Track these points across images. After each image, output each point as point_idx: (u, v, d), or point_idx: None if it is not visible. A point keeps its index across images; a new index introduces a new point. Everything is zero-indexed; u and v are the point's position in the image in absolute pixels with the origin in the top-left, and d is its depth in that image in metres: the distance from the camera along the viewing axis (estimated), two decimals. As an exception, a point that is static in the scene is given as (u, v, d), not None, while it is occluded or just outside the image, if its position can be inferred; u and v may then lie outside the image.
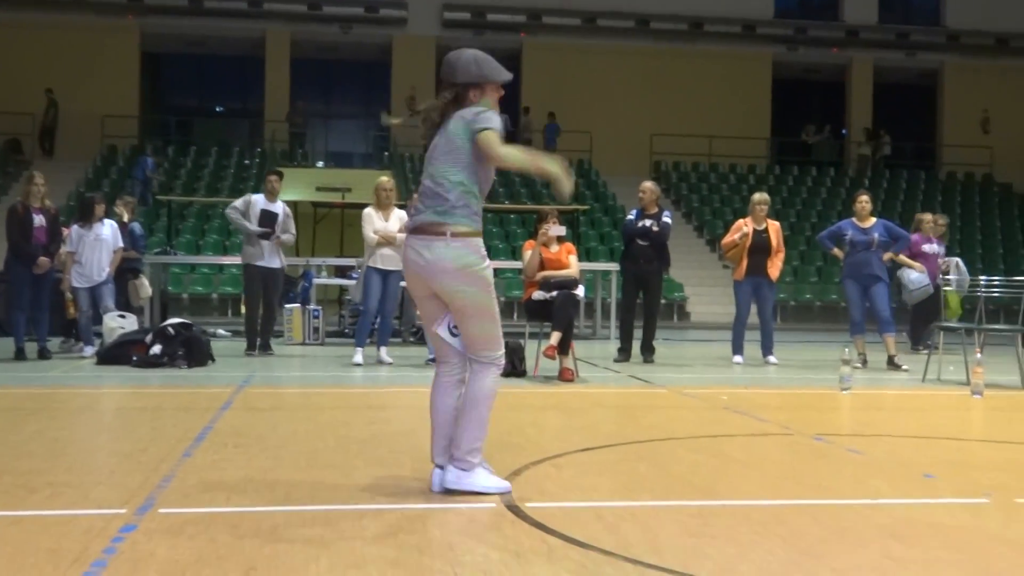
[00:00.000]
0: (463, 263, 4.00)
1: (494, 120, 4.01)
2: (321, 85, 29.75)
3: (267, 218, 10.89)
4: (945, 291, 11.41)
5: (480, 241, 4.08)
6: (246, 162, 25.92)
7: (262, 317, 11.09)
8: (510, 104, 28.16)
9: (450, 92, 4.12)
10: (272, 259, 11.00)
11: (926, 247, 12.94)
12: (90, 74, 26.29)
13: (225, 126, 29.84)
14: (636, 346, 10.99)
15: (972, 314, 9.92)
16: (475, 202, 4.06)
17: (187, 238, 20.45)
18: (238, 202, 11.16)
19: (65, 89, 25.77)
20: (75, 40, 26.29)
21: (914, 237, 12.84)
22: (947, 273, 12.37)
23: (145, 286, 12.29)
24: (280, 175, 11.37)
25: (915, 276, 11.64)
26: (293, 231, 11.23)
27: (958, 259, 12.72)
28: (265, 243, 10.88)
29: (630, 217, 11.08)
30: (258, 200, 11.02)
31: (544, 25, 28.21)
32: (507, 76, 4.17)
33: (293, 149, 26.70)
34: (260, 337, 11.11)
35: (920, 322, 13.23)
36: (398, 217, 10.25)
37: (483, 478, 4.11)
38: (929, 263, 12.51)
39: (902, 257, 12.09)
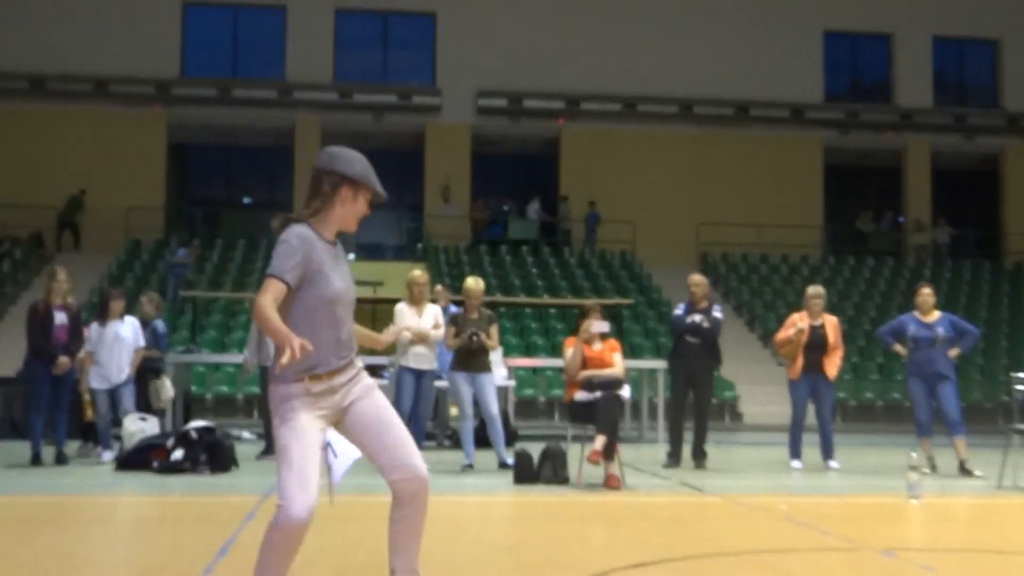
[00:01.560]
0: (270, 398, 3.88)
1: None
2: (352, 175, 30.15)
3: None
4: None
5: (289, 388, 3.81)
6: (274, 255, 26.20)
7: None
8: (548, 193, 28.49)
9: (328, 183, 3.96)
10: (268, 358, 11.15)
11: None
12: (115, 166, 26.90)
13: (253, 218, 30.27)
14: (686, 450, 10.84)
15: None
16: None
17: (212, 335, 20.59)
18: None
19: (89, 181, 26.34)
20: (100, 131, 26.96)
21: None
22: None
23: (167, 387, 12.30)
24: None
25: None
26: None
27: None
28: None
29: (678, 312, 11.02)
30: None
31: (583, 111, 28.59)
32: (384, 193, 3.99)
33: (322, 241, 26.95)
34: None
35: None
36: (432, 313, 10.27)
37: None
38: None
39: None
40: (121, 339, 10.93)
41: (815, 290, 11.12)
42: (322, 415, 3.86)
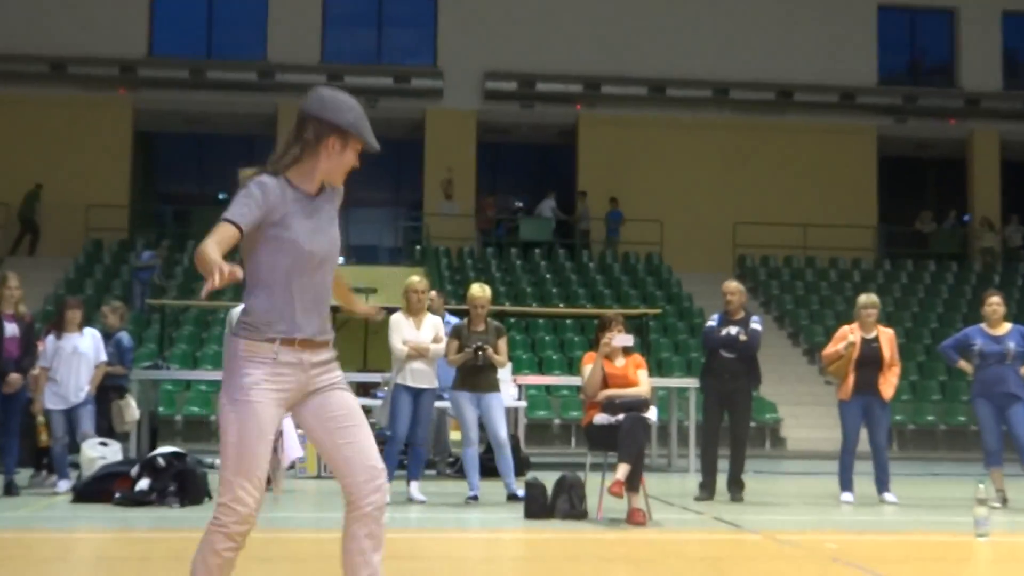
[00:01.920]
0: (225, 364, 3.90)
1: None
2: (342, 168, 30.24)
3: None
4: None
5: (252, 346, 3.86)
6: (253, 259, 26.23)
7: None
8: (564, 188, 28.48)
9: (313, 131, 3.98)
10: None
11: None
12: (74, 157, 26.87)
13: (229, 217, 30.32)
14: (721, 480, 10.83)
15: None
16: (259, 300, 3.92)
17: (182, 349, 20.63)
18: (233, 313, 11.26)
19: (45, 174, 26.35)
20: (57, 118, 26.96)
21: None
22: None
23: (131, 408, 12.31)
24: None
25: None
26: None
27: None
28: None
29: (711, 324, 11.05)
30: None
31: (604, 96, 28.56)
32: (376, 145, 3.99)
33: (308, 243, 27.00)
34: None
35: None
36: (432, 325, 10.27)
37: None
38: None
39: None
40: (80, 353, 10.94)
41: (868, 299, 11.11)
42: (282, 396, 3.82)
